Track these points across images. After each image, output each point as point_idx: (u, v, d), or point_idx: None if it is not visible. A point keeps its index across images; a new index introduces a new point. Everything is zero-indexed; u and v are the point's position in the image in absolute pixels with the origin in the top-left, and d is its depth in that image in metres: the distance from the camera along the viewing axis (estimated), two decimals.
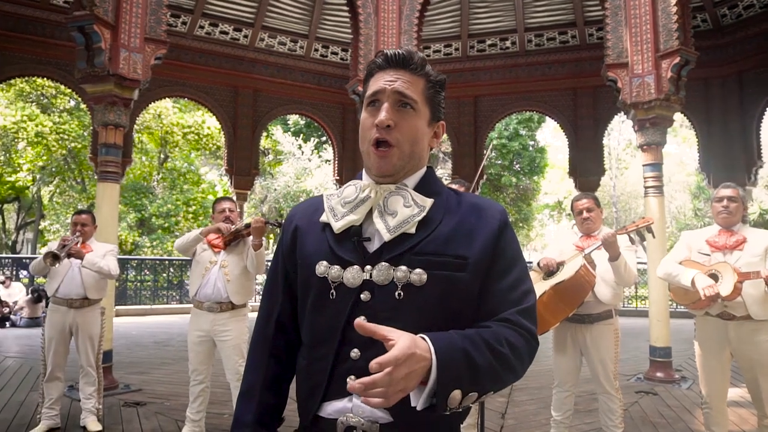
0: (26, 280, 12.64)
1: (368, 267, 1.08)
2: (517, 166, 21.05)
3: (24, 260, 14.25)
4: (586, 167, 11.90)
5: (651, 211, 6.26)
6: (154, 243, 16.77)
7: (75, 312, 4.13)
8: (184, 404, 3.91)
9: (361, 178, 1.20)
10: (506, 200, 21.00)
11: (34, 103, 16.76)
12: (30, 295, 10.30)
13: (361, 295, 1.07)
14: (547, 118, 14.72)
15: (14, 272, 13.14)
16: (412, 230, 1.09)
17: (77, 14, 5.24)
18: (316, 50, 12.67)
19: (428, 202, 1.12)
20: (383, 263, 1.07)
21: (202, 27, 11.53)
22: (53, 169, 17.70)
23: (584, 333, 3.53)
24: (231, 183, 12.76)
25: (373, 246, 1.11)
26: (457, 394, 0.94)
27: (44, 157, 16.92)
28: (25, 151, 16.98)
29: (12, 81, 13.66)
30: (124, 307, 12.46)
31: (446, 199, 1.17)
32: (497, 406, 4.95)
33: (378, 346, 0.98)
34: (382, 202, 1.13)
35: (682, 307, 3.74)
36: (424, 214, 1.11)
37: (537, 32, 11.91)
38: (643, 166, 6.45)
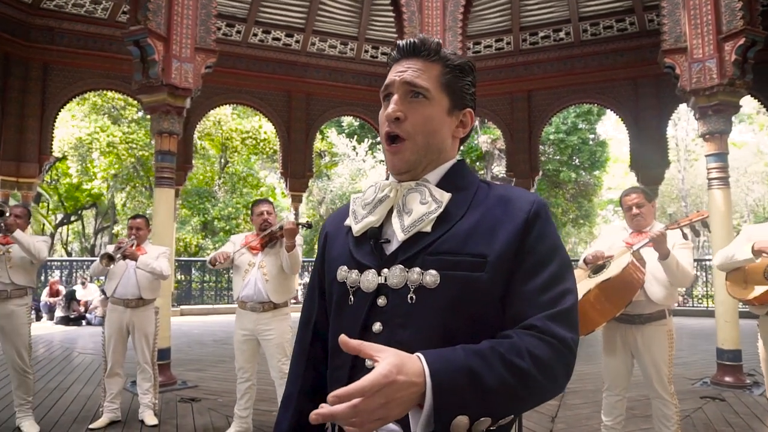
0: (100, 282, 13.48)
1: (385, 270, 1.02)
2: (576, 160, 20.32)
3: None
4: (649, 160, 11.32)
5: (715, 205, 5.87)
6: (217, 245, 17.45)
7: (131, 311, 4.36)
8: (236, 401, 4.04)
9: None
10: (565, 196, 20.34)
11: (105, 115, 17.87)
12: (103, 295, 10.96)
13: (378, 300, 1.01)
14: (608, 110, 14.13)
15: None
16: (428, 228, 1.01)
17: (132, 29, 5.52)
18: (366, 51, 12.76)
19: (446, 196, 1.03)
20: (398, 265, 1.01)
21: (255, 35, 11.87)
22: (124, 177, 18.80)
23: (635, 334, 3.36)
24: (286, 185, 13.09)
25: (390, 248, 1.05)
26: (462, 420, 0.83)
27: (116, 166, 18.00)
28: (99, 160, 18.13)
29: (86, 95, 14.60)
30: (189, 306, 13.04)
31: (475, 193, 1.07)
32: (548, 409, 4.79)
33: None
34: (401, 200, 1.07)
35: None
36: (441, 210, 1.02)
37: (592, 21, 11.45)
38: (706, 156, 6.06)
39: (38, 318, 10.97)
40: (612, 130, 27.23)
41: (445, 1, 6.96)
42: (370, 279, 1.02)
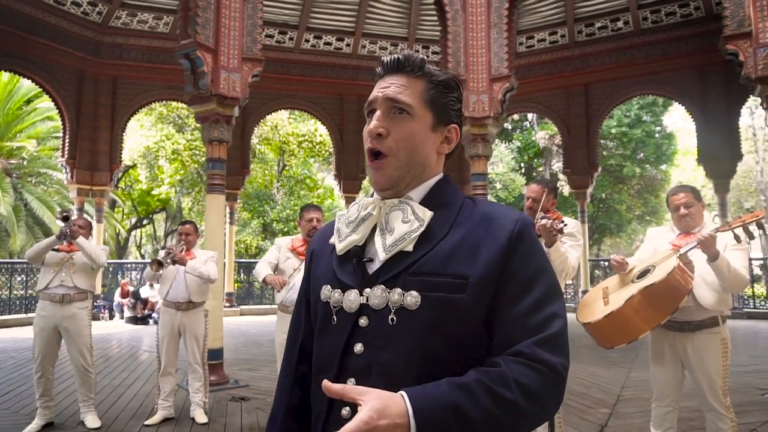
0: None
1: (367, 290, 1.01)
2: (641, 154, 19.36)
3: None
4: (719, 153, 10.64)
5: None
6: None
7: (182, 314, 4.56)
8: None
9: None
10: (630, 192, 19.42)
11: (171, 124, 18.82)
12: None
13: (360, 320, 1.00)
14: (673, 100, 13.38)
15: None
16: (410, 247, 1.00)
17: (183, 43, 5.78)
18: (417, 51, 12.68)
19: (428, 215, 1.02)
20: (379, 286, 1.00)
21: (307, 40, 12.13)
22: (189, 182, 19.73)
23: (684, 342, 3.15)
24: (340, 187, 13.29)
25: (373, 267, 1.04)
26: None
27: (181, 172, 18.93)
28: (166, 166, 19.13)
29: (152, 106, 15.44)
30: (248, 306, 13.49)
31: (459, 211, 1.05)
32: (598, 417, 4.59)
33: (374, 376, 0.95)
34: (383, 218, 1.05)
35: None
36: (422, 229, 1.00)
37: (653, 8, 10.88)
38: None
39: (111, 317, 11.70)
40: (681, 121, 25.74)
41: None
42: (352, 299, 1.02)
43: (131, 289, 11.56)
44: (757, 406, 4.90)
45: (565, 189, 17.33)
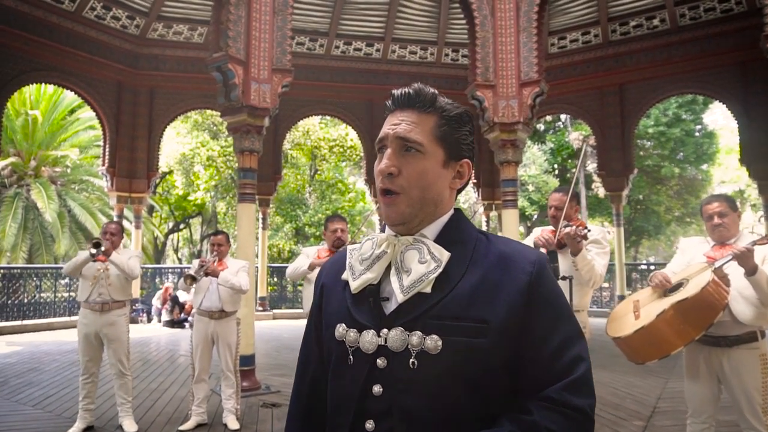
0: None
1: (384, 331, 1.00)
2: (680, 154, 18.78)
3: None
4: (763, 152, 10.21)
5: None
6: None
7: (215, 323, 4.68)
8: None
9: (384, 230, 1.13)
10: (668, 193, 18.84)
11: (206, 131, 19.28)
12: None
13: (378, 361, 0.99)
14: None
15: None
16: (428, 289, 0.99)
17: (215, 56, 5.92)
18: (447, 55, 12.70)
19: (445, 255, 1.01)
20: (398, 328, 0.99)
21: (337, 47, 12.23)
22: (223, 187, 20.17)
23: (720, 358, 3.05)
24: (370, 192, 13.35)
25: (390, 307, 1.03)
26: None
27: (216, 177, 19.37)
28: (201, 172, 19.60)
29: (188, 114, 15.85)
30: (281, 311, 13.67)
31: (474, 248, 1.05)
32: (633, 430, 4.48)
33: (394, 419, 0.95)
34: (398, 257, 1.04)
35: None
36: (440, 270, 1.00)
37: (690, 4, 10.55)
38: None
39: (149, 320, 12.04)
40: (723, 119, 24.84)
41: (518, 2, 6.76)
42: (369, 339, 1.01)
43: (171, 293, 11.86)
44: None
45: (600, 191, 16.95)
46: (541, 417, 0.92)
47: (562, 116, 19.87)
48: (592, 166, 19.59)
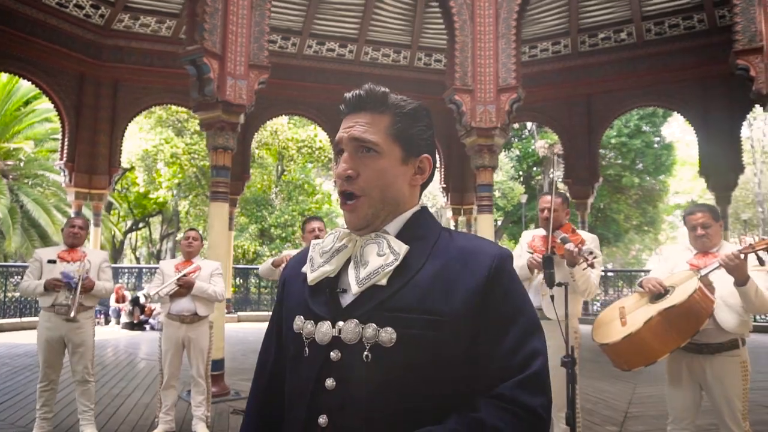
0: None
1: (339, 323, 0.99)
2: (639, 165, 19.40)
3: None
4: (721, 164, 10.64)
5: None
6: (274, 252, 17.85)
7: (187, 327, 4.47)
8: None
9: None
10: (628, 202, 19.43)
11: (170, 128, 18.73)
12: None
13: (331, 354, 0.98)
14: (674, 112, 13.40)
15: None
16: (383, 281, 0.98)
17: (189, 49, 5.71)
18: (420, 59, 12.71)
19: (404, 249, 1.00)
20: (352, 320, 0.98)
21: (310, 46, 12.08)
22: (186, 186, 19.62)
23: (703, 365, 3.10)
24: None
25: (347, 299, 1.02)
26: None
27: (179, 175, 18.82)
28: (164, 170, 19.01)
29: (153, 109, 15.35)
30: (246, 313, 13.38)
31: (435, 243, 1.03)
32: None
33: (347, 414, 0.93)
34: (358, 251, 1.04)
35: None
36: (397, 263, 0.99)
37: (656, 20, 10.90)
38: None
39: (107, 322, 11.56)
40: (679, 131, 25.88)
41: (498, 8, 6.80)
42: (324, 331, 0.99)
43: (127, 293, 11.42)
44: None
45: None
46: (489, 415, 0.90)
47: (528, 124, 20.23)
48: (557, 174, 20.04)
